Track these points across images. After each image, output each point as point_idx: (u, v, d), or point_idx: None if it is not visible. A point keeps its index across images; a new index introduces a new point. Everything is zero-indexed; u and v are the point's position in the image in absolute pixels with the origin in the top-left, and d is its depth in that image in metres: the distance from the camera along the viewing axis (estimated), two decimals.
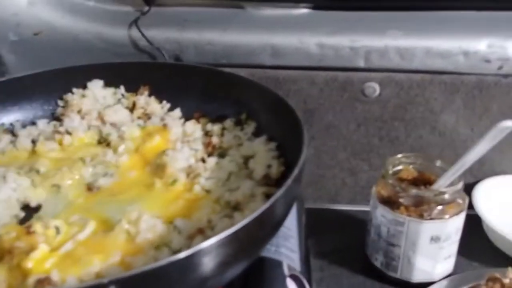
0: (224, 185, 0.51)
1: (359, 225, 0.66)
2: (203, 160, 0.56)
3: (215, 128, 0.61)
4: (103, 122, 0.62)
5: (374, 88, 0.69)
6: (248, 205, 0.47)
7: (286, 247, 0.50)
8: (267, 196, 0.49)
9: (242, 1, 0.70)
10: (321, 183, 0.78)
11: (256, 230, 0.37)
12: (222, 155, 0.57)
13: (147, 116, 0.64)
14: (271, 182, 0.51)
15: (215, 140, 0.59)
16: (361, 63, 0.68)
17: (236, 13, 0.71)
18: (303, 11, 0.71)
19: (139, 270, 0.30)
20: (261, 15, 0.71)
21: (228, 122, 0.61)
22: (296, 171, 0.40)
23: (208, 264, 0.34)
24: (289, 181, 0.39)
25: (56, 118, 0.63)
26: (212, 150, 0.58)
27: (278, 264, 0.48)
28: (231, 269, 0.38)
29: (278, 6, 0.70)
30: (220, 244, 0.33)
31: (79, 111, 0.63)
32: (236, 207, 0.47)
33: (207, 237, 0.41)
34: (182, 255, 0.31)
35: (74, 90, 0.65)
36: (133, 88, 0.66)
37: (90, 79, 0.65)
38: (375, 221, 0.59)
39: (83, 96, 0.64)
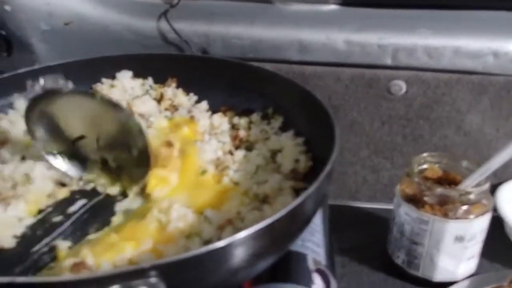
0: (252, 178, 0.52)
1: (379, 223, 0.67)
2: (231, 153, 0.56)
3: (242, 121, 0.61)
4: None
5: (400, 86, 0.69)
6: (277, 198, 0.47)
7: (312, 241, 0.51)
8: (295, 190, 0.49)
9: None
10: (342, 180, 0.78)
11: (288, 223, 0.37)
12: (249, 148, 0.57)
13: (174, 108, 0.65)
14: (299, 177, 0.52)
15: (242, 133, 0.59)
16: (388, 61, 0.68)
17: (264, 7, 0.71)
18: (331, 7, 0.71)
19: (181, 256, 0.31)
20: (289, 10, 0.71)
21: (255, 116, 0.62)
22: (328, 167, 0.40)
23: (241, 255, 0.35)
24: (322, 176, 0.39)
25: None
26: (239, 143, 0.59)
27: (304, 257, 0.49)
28: (262, 262, 0.39)
29: (306, 1, 0.70)
30: (255, 235, 0.34)
31: None
32: (264, 200, 0.48)
33: (237, 228, 0.42)
34: (221, 243, 0.32)
35: (104, 80, 0.66)
36: (161, 80, 0.67)
37: (119, 70, 0.66)
38: (398, 219, 0.59)
39: (112, 86, 0.65)
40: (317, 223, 0.55)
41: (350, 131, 0.74)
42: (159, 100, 0.66)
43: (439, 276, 0.58)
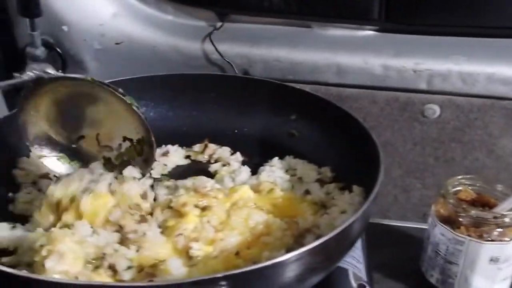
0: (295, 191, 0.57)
1: (410, 241, 0.68)
2: None
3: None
4: None
5: (434, 110, 0.71)
6: (334, 200, 0.54)
7: (353, 257, 0.53)
8: (341, 189, 0.56)
9: (309, 21, 0.74)
10: None
11: (340, 240, 0.40)
12: None
13: (212, 158, 0.66)
14: (329, 180, 0.58)
15: None
16: (424, 86, 0.71)
17: (303, 32, 0.75)
18: (368, 32, 0.74)
19: (249, 268, 0.34)
20: (328, 35, 0.74)
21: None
22: (372, 195, 0.43)
23: (299, 269, 0.38)
24: (365, 205, 0.42)
25: None
26: None
27: (345, 272, 0.51)
28: (315, 276, 0.42)
29: (344, 27, 0.74)
30: (314, 251, 0.37)
31: None
32: (323, 205, 0.54)
33: (316, 235, 0.48)
34: (285, 258, 0.35)
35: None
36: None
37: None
38: (433, 239, 0.61)
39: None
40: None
41: (383, 152, 0.76)
42: (202, 151, 0.67)
43: None
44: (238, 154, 0.65)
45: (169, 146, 0.66)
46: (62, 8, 0.74)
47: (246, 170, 0.62)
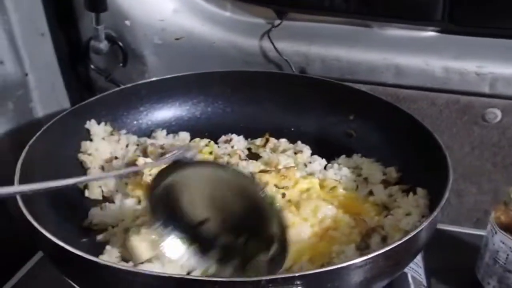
0: (358, 192, 0.58)
1: (464, 246, 0.68)
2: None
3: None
4: None
5: (495, 114, 0.69)
6: (397, 201, 0.54)
7: (413, 261, 0.53)
8: (403, 191, 0.55)
9: (369, 21, 0.73)
10: None
11: (411, 246, 0.40)
12: None
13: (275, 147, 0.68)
14: (394, 181, 0.58)
15: None
16: (486, 89, 0.69)
17: (362, 31, 0.74)
18: (429, 33, 0.73)
19: (323, 269, 0.35)
20: (387, 35, 0.73)
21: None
22: (443, 201, 0.43)
23: (370, 272, 0.38)
24: (434, 213, 0.42)
25: None
26: None
27: (405, 276, 0.51)
28: (381, 281, 0.42)
29: (404, 27, 0.72)
30: (387, 255, 0.37)
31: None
32: (386, 207, 0.54)
33: (381, 235, 0.48)
34: (358, 260, 0.36)
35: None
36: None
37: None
38: (492, 247, 0.60)
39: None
40: None
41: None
42: (264, 145, 0.68)
43: None
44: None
45: (234, 135, 0.69)
46: (125, 3, 0.76)
47: (320, 161, 0.64)
